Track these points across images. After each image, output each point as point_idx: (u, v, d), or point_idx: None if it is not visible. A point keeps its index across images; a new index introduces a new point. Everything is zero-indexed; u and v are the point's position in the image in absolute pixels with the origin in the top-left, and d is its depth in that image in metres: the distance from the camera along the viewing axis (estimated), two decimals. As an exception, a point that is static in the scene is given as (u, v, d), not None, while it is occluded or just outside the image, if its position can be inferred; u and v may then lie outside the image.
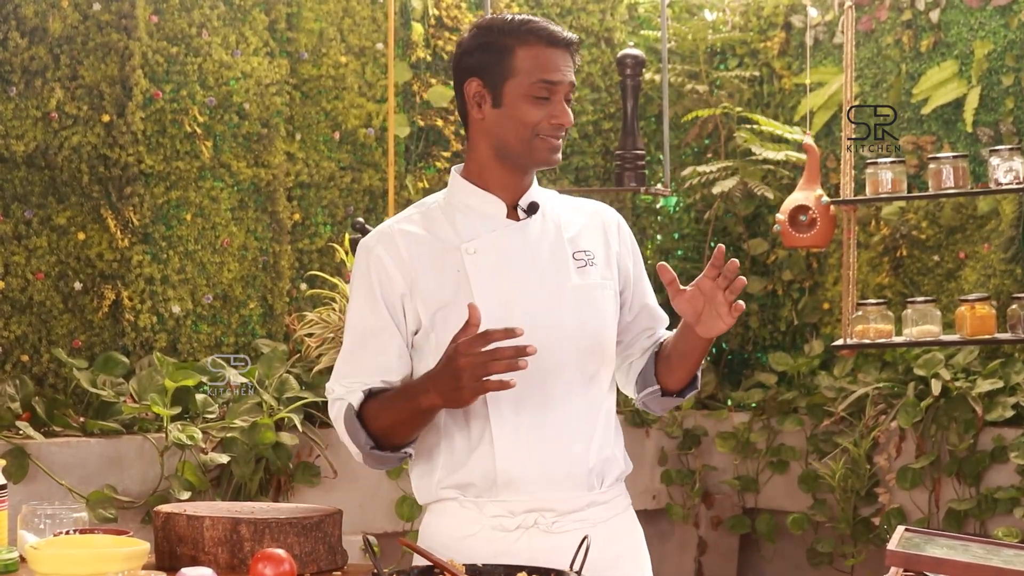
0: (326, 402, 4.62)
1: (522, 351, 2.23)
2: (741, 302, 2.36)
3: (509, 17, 2.48)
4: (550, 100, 2.43)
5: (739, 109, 5.48)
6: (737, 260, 2.36)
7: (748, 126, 5.43)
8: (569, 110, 2.45)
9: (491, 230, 2.46)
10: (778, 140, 5.42)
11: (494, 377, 2.25)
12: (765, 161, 5.43)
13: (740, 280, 2.34)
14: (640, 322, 2.58)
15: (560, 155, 2.48)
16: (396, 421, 2.38)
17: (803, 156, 4.99)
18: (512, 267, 2.44)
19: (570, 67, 2.46)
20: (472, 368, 2.24)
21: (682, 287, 2.37)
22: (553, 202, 2.57)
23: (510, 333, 2.24)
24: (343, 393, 2.44)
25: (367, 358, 2.45)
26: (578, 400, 2.44)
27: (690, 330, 2.44)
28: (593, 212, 2.59)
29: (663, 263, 2.37)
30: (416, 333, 2.45)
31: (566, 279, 2.46)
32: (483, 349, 2.23)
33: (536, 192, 2.53)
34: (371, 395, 2.42)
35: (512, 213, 2.50)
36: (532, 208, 2.49)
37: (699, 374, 2.56)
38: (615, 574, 2.44)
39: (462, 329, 2.27)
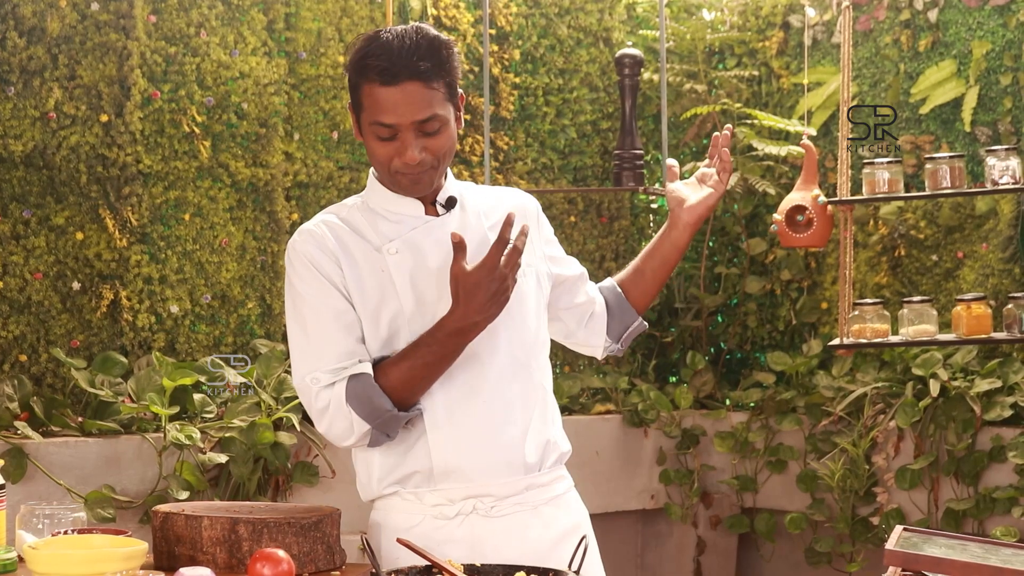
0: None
1: (524, 232, 2.39)
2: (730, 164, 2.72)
3: (363, 43, 2.41)
4: (396, 139, 2.40)
5: (739, 105, 5.49)
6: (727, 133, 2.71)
7: (748, 122, 5.43)
8: (423, 141, 2.39)
9: (411, 228, 2.49)
10: (778, 137, 5.42)
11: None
12: (766, 157, 5.43)
13: (726, 154, 2.70)
14: (572, 287, 2.70)
15: (424, 185, 2.45)
16: (426, 370, 2.40)
17: (802, 151, 4.98)
18: (434, 262, 2.46)
19: (415, 102, 2.36)
20: (506, 270, 2.36)
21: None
22: (473, 194, 2.61)
23: (510, 221, 2.37)
24: (334, 377, 2.41)
25: (335, 335, 2.43)
26: (511, 386, 2.47)
27: (668, 233, 2.68)
28: (516, 204, 2.62)
29: (672, 160, 2.72)
30: None
31: None
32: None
33: (453, 186, 2.56)
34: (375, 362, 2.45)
35: (431, 210, 2.52)
36: (450, 203, 2.53)
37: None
38: (558, 555, 2.46)
39: (457, 257, 2.34)
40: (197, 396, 4.41)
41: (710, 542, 5.50)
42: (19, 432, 4.11)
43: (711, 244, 5.78)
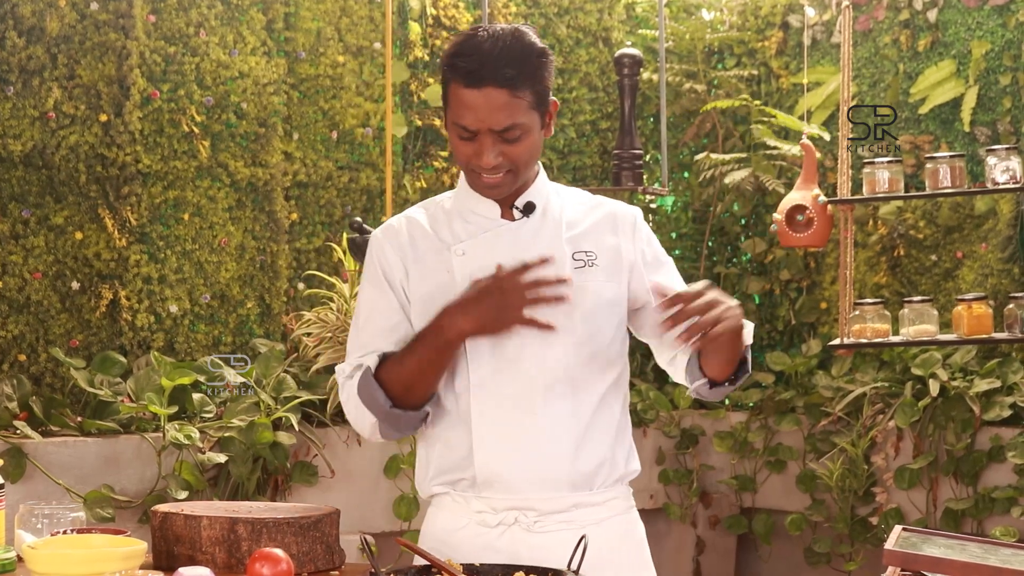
0: (324, 401, 4.66)
1: (562, 280, 2.26)
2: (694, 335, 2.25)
3: (458, 40, 2.37)
4: (473, 140, 2.36)
5: (757, 102, 5.48)
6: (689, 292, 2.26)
7: (765, 120, 5.42)
8: (502, 146, 2.34)
9: (483, 231, 2.45)
10: (788, 136, 5.41)
11: (540, 315, 2.29)
12: (779, 156, 5.41)
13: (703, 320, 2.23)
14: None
15: (502, 189, 2.40)
16: (417, 367, 2.38)
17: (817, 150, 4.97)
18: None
19: (497, 108, 2.31)
20: (518, 290, 2.27)
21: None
22: (563, 199, 2.51)
23: (545, 261, 2.28)
24: (352, 368, 2.43)
25: (375, 332, 2.45)
26: (564, 403, 2.41)
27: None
28: (607, 212, 2.52)
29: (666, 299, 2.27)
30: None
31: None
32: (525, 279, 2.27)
33: (537, 190, 2.48)
34: (385, 358, 2.42)
35: (508, 213, 2.47)
36: (528, 208, 2.46)
37: (748, 358, 2.44)
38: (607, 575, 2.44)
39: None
40: (196, 396, 4.41)
41: (709, 542, 5.50)
42: (18, 432, 4.11)
43: (710, 244, 5.79)
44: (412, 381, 2.39)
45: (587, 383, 2.44)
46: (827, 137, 4.91)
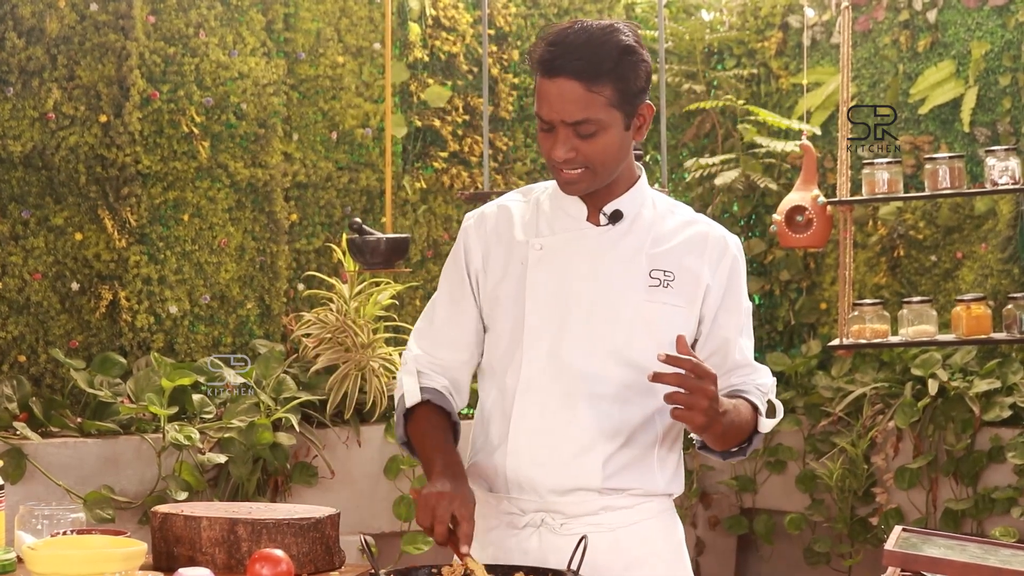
0: (323, 401, 4.66)
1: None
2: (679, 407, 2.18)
3: (548, 31, 2.35)
4: (551, 132, 2.32)
5: (742, 102, 5.48)
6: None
7: (752, 118, 5.42)
8: (576, 141, 2.29)
9: (566, 231, 2.42)
10: (780, 135, 5.42)
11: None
12: (768, 154, 5.42)
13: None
14: (711, 362, 2.33)
15: (579, 186, 2.34)
16: (420, 455, 2.49)
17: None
18: (573, 272, 2.38)
19: (569, 100, 2.27)
20: (442, 522, 2.32)
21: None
22: (658, 212, 2.44)
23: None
24: (413, 362, 2.49)
25: (444, 329, 2.49)
26: (607, 416, 2.36)
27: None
28: (699, 233, 2.42)
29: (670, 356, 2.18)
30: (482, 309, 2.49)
31: (632, 295, 2.36)
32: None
33: (631, 199, 2.41)
34: (429, 399, 2.47)
35: (595, 217, 2.41)
36: (615, 216, 2.40)
37: (755, 439, 2.38)
38: None
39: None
40: (196, 396, 4.41)
41: (709, 542, 5.50)
42: (18, 433, 4.11)
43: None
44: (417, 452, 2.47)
45: (636, 400, 2.38)
46: (818, 132, 4.90)
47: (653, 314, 2.36)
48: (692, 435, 2.40)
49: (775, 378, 2.47)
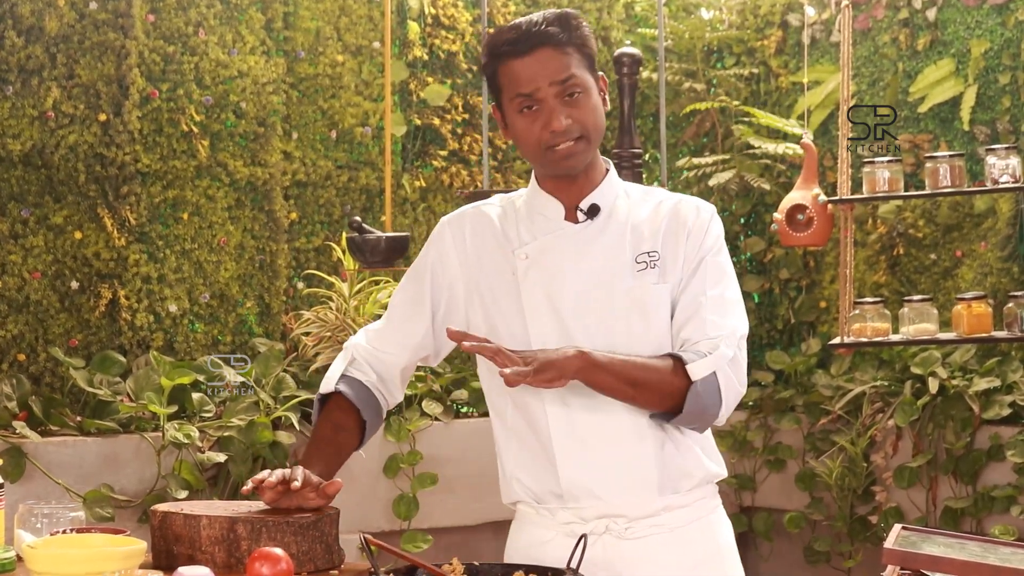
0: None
1: None
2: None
3: (494, 32, 2.39)
4: (539, 109, 2.34)
5: (737, 103, 5.48)
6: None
7: (747, 119, 5.43)
8: (567, 109, 2.33)
9: (546, 233, 2.43)
10: (776, 135, 5.42)
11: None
12: (763, 155, 5.42)
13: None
14: (676, 323, 2.38)
15: (578, 158, 2.37)
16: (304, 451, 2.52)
17: (801, 151, 4.98)
18: (562, 272, 2.39)
19: (550, 65, 2.32)
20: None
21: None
22: (633, 199, 2.46)
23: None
24: (351, 349, 2.52)
25: (399, 327, 2.51)
26: (631, 407, 2.36)
27: None
28: (672, 207, 2.44)
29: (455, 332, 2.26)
30: (440, 313, 2.50)
31: (620, 283, 2.38)
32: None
33: (604, 192, 2.43)
34: (341, 391, 2.48)
35: (572, 215, 2.43)
36: (592, 211, 2.42)
37: (690, 401, 2.32)
38: None
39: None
40: (195, 395, 4.41)
41: (709, 541, 5.49)
42: (17, 431, 4.11)
43: (710, 243, 5.78)
44: None
45: None
46: (810, 136, 4.90)
47: (645, 297, 2.38)
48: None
49: (745, 330, 2.39)
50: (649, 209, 2.45)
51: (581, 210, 2.42)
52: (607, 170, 2.47)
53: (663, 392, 2.31)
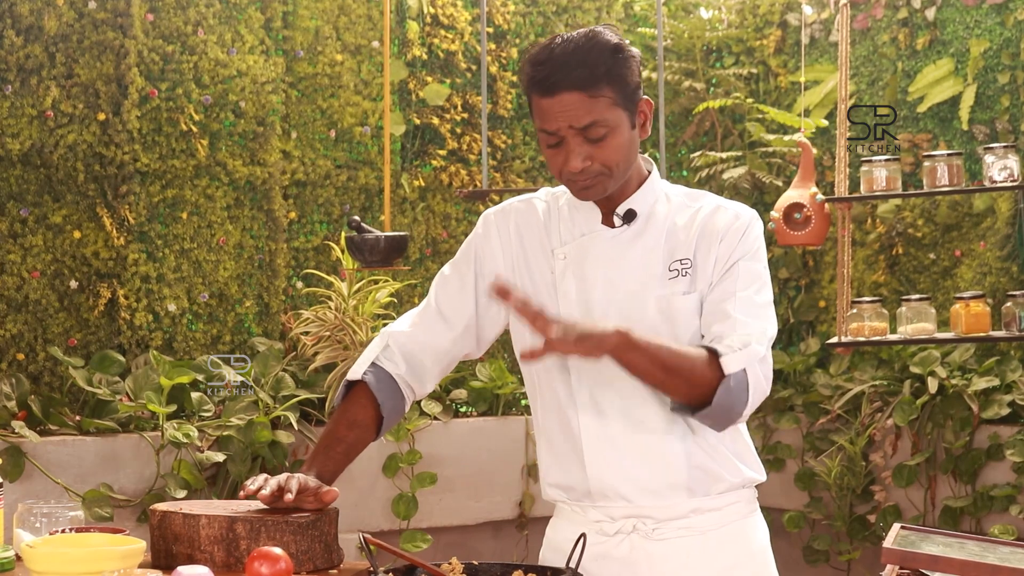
0: (322, 399, 4.67)
1: None
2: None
3: (532, 51, 2.35)
4: (560, 146, 2.32)
5: (751, 100, 5.48)
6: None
7: (760, 115, 5.42)
8: (589, 148, 2.29)
9: (582, 235, 2.43)
10: (788, 132, 5.41)
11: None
12: (774, 153, 5.41)
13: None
14: (704, 320, 2.37)
15: (596, 191, 2.35)
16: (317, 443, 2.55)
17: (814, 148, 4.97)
18: (597, 276, 2.39)
19: (572, 111, 2.28)
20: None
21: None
22: (673, 203, 2.44)
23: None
24: (386, 336, 2.53)
25: (434, 311, 2.53)
26: (662, 411, 2.37)
27: None
28: (708, 213, 2.41)
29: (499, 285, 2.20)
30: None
31: (650, 292, 2.37)
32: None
33: (643, 197, 2.42)
34: (367, 382, 2.48)
35: (608, 219, 2.42)
36: (628, 216, 2.40)
37: (721, 395, 2.28)
38: None
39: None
40: (195, 395, 4.41)
41: (708, 540, 5.49)
42: (17, 431, 4.11)
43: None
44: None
45: None
46: (825, 124, 4.90)
47: (674, 306, 2.36)
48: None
49: (774, 332, 2.37)
50: (688, 215, 2.42)
51: (617, 215, 2.41)
52: (648, 172, 2.45)
53: (693, 382, 2.27)
